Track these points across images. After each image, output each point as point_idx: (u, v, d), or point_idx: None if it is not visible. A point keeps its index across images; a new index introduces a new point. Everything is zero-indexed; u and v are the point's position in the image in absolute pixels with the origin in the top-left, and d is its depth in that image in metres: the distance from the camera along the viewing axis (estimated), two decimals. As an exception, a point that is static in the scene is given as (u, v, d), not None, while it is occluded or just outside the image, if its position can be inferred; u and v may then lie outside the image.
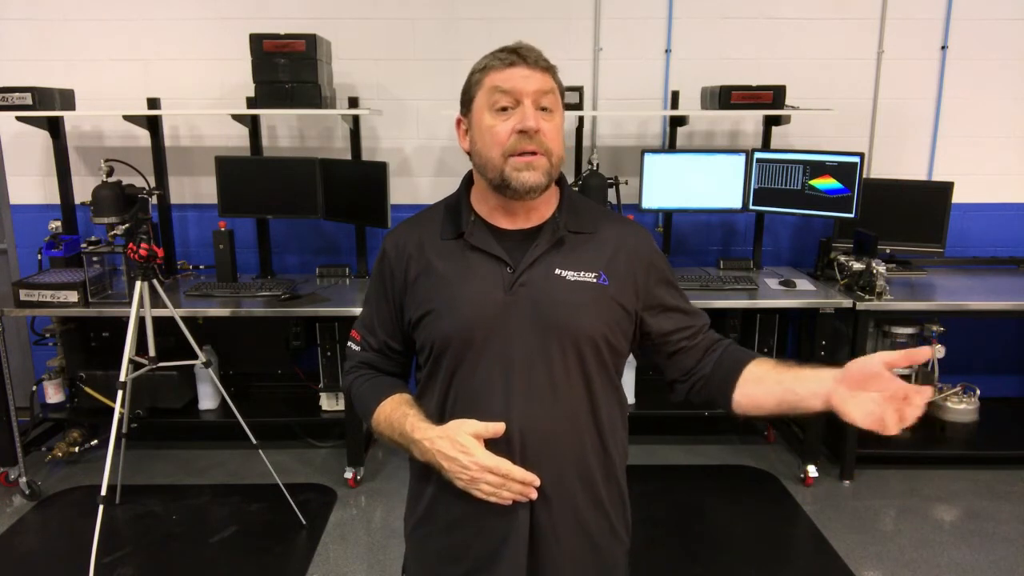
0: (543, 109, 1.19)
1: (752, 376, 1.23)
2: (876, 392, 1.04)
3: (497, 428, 1.16)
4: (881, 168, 3.71)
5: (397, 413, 1.26)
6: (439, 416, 1.25)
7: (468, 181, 1.33)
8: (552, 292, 1.21)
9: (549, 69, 1.21)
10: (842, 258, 3.32)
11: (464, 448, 1.15)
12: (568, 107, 2.91)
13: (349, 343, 1.39)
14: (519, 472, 1.15)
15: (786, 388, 1.17)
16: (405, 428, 1.23)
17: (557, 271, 1.23)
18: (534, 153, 1.18)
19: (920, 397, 1.00)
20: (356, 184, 3.33)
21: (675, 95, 3.51)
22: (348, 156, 3.53)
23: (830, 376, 1.10)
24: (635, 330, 1.30)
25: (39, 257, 3.41)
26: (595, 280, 1.24)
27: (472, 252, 1.24)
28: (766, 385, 1.21)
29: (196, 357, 2.84)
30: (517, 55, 1.19)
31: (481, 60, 1.23)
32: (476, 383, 1.22)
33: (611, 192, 3.36)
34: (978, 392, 3.61)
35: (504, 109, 1.18)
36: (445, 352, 1.23)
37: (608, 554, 1.32)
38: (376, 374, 1.36)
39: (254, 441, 2.88)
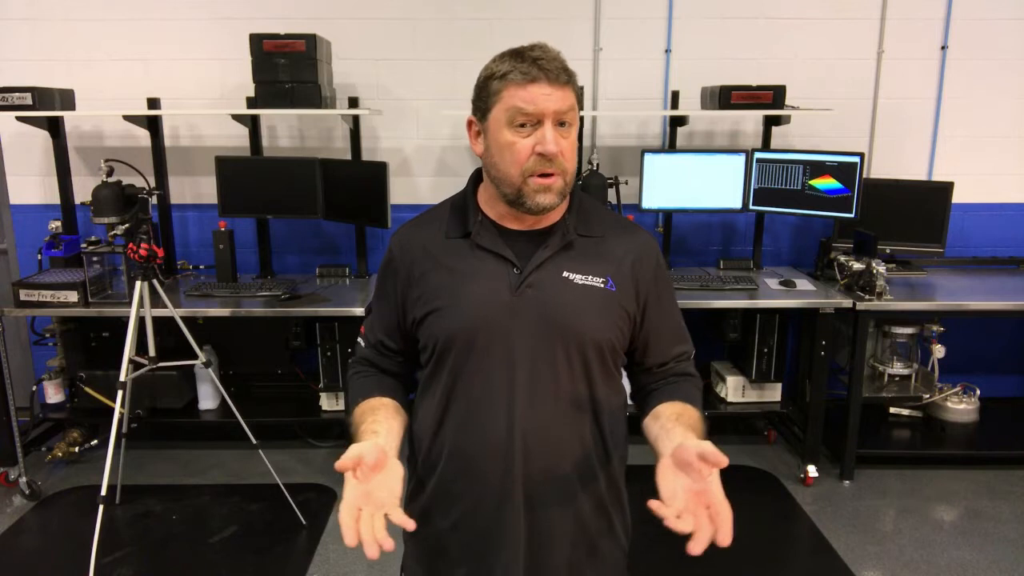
0: (561, 124, 1.17)
1: (654, 412, 1.25)
2: (688, 481, 1.01)
3: (406, 524, 0.99)
4: (881, 168, 3.71)
5: (364, 421, 1.18)
6: (440, 416, 1.25)
7: (475, 179, 1.31)
8: (559, 295, 1.21)
9: (569, 81, 1.17)
10: (842, 258, 3.32)
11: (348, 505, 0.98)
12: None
13: (358, 338, 1.40)
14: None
15: (659, 436, 1.18)
16: (357, 435, 1.15)
17: (565, 274, 1.22)
18: (552, 175, 1.17)
19: (721, 518, 0.96)
20: (356, 184, 3.33)
21: (675, 95, 3.51)
22: (348, 156, 3.53)
23: (676, 445, 1.07)
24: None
25: (39, 257, 3.41)
26: (603, 285, 1.23)
27: (479, 252, 1.23)
28: (653, 426, 1.22)
29: (196, 357, 2.85)
30: (538, 68, 1.14)
31: (499, 63, 1.17)
32: (479, 383, 1.21)
33: (611, 192, 3.36)
34: (978, 392, 3.62)
35: (524, 125, 1.16)
36: (448, 351, 1.22)
37: (607, 555, 1.32)
38: (374, 372, 1.36)
39: (254, 441, 2.88)
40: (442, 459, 1.26)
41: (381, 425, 1.16)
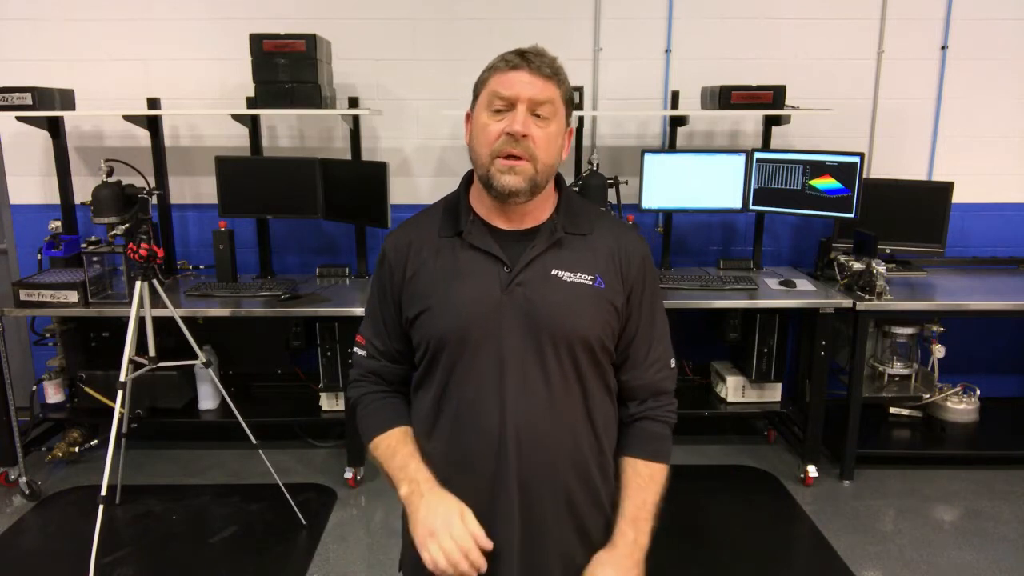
0: (538, 116, 1.19)
1: (621, 464, 1.33)
2: None
3: (486, 544, 1.17)
4: (881, 168, 3.71)
5: (399, 455, 1.27)
6: (436, 412, 1.27)
7: (468, 180, 1.33)
8: (548, 293, 1.23)
9: (553, 77, 1.20)
10: (842, 258, 3.32)
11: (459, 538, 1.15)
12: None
13: (355, 348, 1.38)
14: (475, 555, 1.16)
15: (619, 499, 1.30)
16: (410, 469, 1.25)
17: (554, 272, 1.24)
18: (519, 158, 1.19)
19: None
20: (356, 184, 3.33)
21: (675, 95, 3.51)
22: (348, 156, 3.53)
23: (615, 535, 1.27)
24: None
25: (39, 257, 3.41)
26: (591, 282, 1.25)
27: (469, 251, 1.25)
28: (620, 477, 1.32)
29: (196, 357, 2.85)
30: (523, 59, 1.19)
31: (494, 59, 1.24)
32: (471, 380, 1.23)
33: (611, 192, 3.36)
34: (978, 392, 3.62)
35: (500, 111, 1.19)
36: (441, 350, 1.24)
37: (602, 547, 1.32)
38: (382, 393, 1.36)
39: (254, 441, 2.89)
40: (438, 454, 1.28)
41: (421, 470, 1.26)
